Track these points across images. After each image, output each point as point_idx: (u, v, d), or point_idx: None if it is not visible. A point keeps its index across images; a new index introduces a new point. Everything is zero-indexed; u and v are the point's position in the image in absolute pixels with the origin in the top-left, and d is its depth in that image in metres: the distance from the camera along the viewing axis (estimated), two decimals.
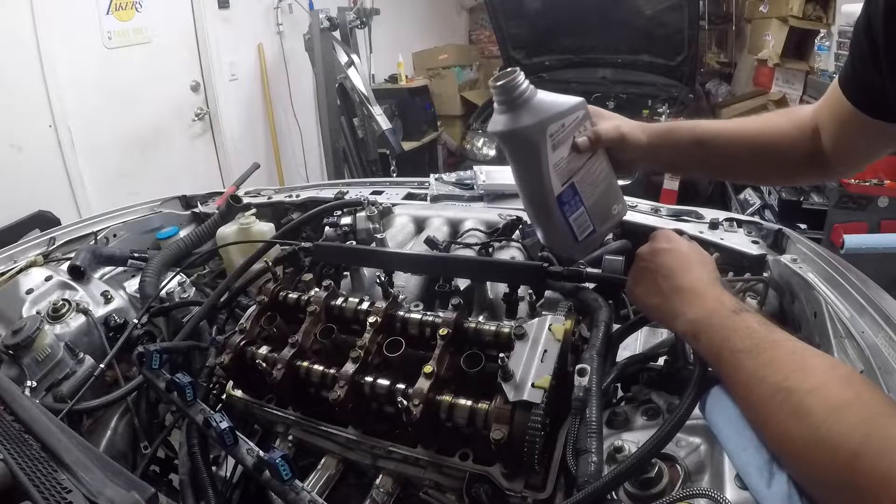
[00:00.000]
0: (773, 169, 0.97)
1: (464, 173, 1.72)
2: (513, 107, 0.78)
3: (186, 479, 0.94)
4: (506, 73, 0.77)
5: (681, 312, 0.74)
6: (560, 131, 0.79)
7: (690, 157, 0.93)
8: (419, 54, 6.10)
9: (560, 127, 0.79)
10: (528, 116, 0.77)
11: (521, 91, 0.77)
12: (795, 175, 1.01)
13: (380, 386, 0.85)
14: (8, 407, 0.76)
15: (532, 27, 4.62)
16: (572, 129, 0.81)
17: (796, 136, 0.91)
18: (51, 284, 1.30)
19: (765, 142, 0.92)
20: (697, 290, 0.74)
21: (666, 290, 0.77)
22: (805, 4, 4.19)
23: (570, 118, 0.80)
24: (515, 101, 0.77)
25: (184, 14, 3.91)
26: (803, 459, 0.56)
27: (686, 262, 0.78)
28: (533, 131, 0.78)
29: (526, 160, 0.81)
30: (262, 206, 1.71)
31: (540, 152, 0.78)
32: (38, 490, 0.54)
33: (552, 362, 0.80)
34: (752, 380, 0.62)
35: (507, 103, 0.78)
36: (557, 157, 0.80)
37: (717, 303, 0.71)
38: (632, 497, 0.74)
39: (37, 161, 3.09)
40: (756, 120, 0.96)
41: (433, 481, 0.85)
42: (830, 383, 0.57)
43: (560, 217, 0.83)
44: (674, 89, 4.43)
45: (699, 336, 0.70)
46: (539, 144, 0.78)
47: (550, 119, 0.78)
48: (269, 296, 1.04)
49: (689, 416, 0.73)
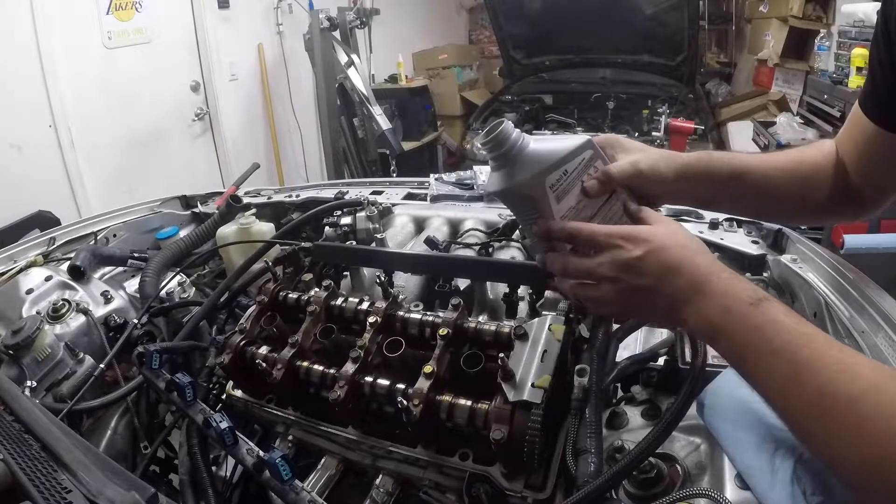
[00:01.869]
0: (810, 205, 0.87)
1: (464, 173, 1.72)
2: (506, 161, 0.70)
3: (186, 479, 0.94)
4: (493, 127, 0.70)
5: (691, 317, 0.63)
6: (563, 179, 0.70)
7: (725, 193, 0.82)
8: (419, 54, 6.10)
9: (562, 174, 0.70)
10: (522, 171, 0.69)
11: (511, 143, 0.69)
12: (831, 212, 0.89)
13: (380, 386, 0.85)
14: (8, 407, 0.76)
15: (532, 27, 4.62)
16: (579, 174, 0.72)
17: (828, 169, 0.84)
18: (51, 284, 1.30)
19: (803, 174, 0.84)
20: (699, 287, 0.63)
21: (665, 300, 0.64)
22: (805, 4, 4.19)
23: (574, 163, 0.71)
24: (507, 155, 0.69)
25: (184, 14, 3.91)
26: (866, 477, 0.49)
27: (674, 258, 0.64)
28: (530, 186, 0.70)
29: (529, 216, 0.73)
30: (262, 206, 1.71)
31: (542, 207, 0.70)
32: (38, 490, 0.54)
33: (552, 362, 0.80)
34: (788, 385, 0.54)
35: (500, 159, 0.70)
36: (564, 207, 0.71)
37: (729, 297, 0.61)
38: (632, 497, 0.74)
39: (37, 161, 3.09)
40: (790, 152, 0.88)
41: (433, 481, 0.85)
42: (883, 384, 0.49)
43: None
44: (674, 89, 4.42)
45: (717, 339, 0.61)
46: (539, 199, 0.70)
47: (548, 169, 0.70)
48: (269, 296, 1.04)
49: (685, 413, 0.73)
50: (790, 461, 0.66)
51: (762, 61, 4.73)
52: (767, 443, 0.69)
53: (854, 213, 0.88)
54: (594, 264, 0.67)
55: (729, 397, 0.77)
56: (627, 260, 0.65)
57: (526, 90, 4.89)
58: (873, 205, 0.86)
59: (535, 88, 4.89)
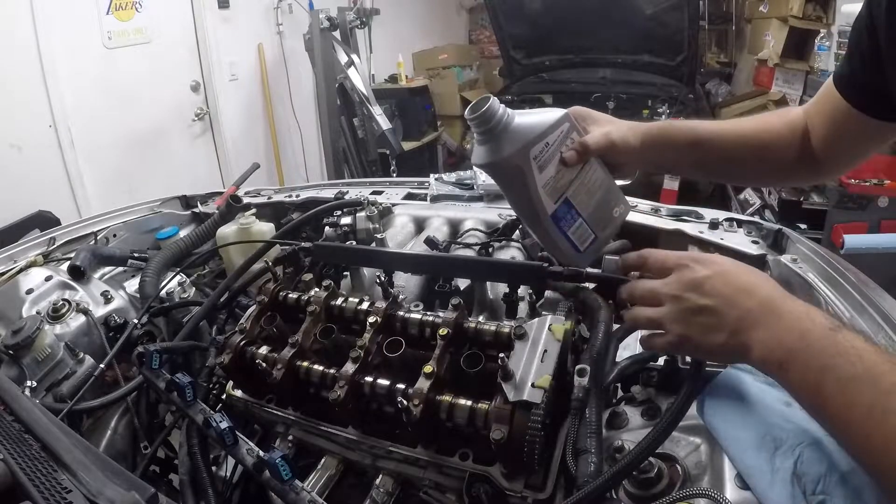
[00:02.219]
0: (767, 170, 0.95)
1: (464, 173, 1.72)
2: (492, 136, 0.76)
3: (186, 479, 0.94)
4: (480, 103, 0.75)
5: (758, 342, 0.59)
6: (545, 151, 0.77)
7: (685, 159, 0.90)
8: (419, 54, 6.10)
9: (544, 146, 0.77)
10: (508, 144, 0.76)
11: (497, 119, 0.75)
12: (787, 176, 0.99)
13: (380, 386, 0.85)
14: (8, 407, 0.76)
15: (532, 27, 4.61)
16: (558, 145, 0.79)
17: (788, 137, 0.89)
18: (51, 284, 1.30)
19: (760, 142, 0.90)
20: (775, 310, 0.60)
21: (731, 322, 0.61)
22: (805, 4, 4.19)
23: (554, 135, 0.78)
24: (494, 130, 0.76)
25: (184, 14, 3.91)
26: None
27: (744, 282, 0.63)
28: (515, 158, 0.76)
29: (514, 187, 0.80)
30: (262, 206, 1.71)
31: (526, 177, 0.77)
32: (38, 490, 0.54)
33: (552, 362, 0.80)
34: (873, 414, 0.49)
35: (486, 133, 0.76)
36: (546, 177, 0.78)
37: (806, 321, 0.57)
38: (632, 497, 0.74)
39: (37, 161, 3.09)
40: (751, 120, 0.94)
41: (433, 481, 0.85)
42: None
43: (558, 233, 0.82)
44: (674, 89, 4.42)
45: (789, 365, 0.57)
46: (524, 170, 0.77)
47: (532, 141, 0.76)
48: (269, 296, 1.04)
49: (685, 413, 0.73)
50: (790, 461, 0.66)
51: (762, 61, 4.73)
52: (767, 443, 0.68)
53: (810, 178, 0.94)
54: (661, 283, 0.68)
55: (729, 397, 0.77)
56: (695, 278, 0.65)
57: (526, 90, 4.88)
58: (830, 172, 0.92)
59: (535, 88, 4.88)
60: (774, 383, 0.78)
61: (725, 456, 0.73)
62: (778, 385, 0.78)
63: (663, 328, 0.68)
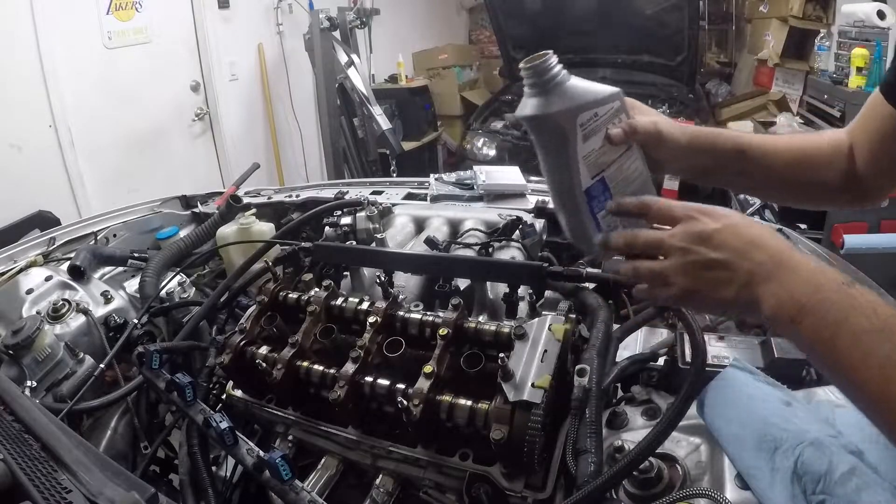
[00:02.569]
0: (809, 188, 0.89)
1: (464, 173, 1.72)
2: (543, 91, 0.72)
3: (186, 479, 0.94)
4: (538, 56, 0.72)
5: (770, 295, 0.58)
6: (592, 121, 0.73)
7: (729, 166, 0.84)
8: (419, 54, 6.09)
9: (593, 116, 0.73)
10: (558, 102, 0.72)
11: (553, 74, 0.71)
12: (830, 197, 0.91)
13: (380, 386, 0.85)
14: (8, 407, 0.76)
15: (532, 27, 4.61)
16: (606, 120, 0.75)
17: (834, 156, 0.85)
18: (51, 284, 1.30)
19: (805, 158, 0.85)
20: (787, 263, 0.59)
21: (741, 276, 0.60)
22: (805, 4, 4.19)
23: (605, 108, 0.74)
24: (547, 85, 0.72)
25: (184, 14, 3.90)
26: None
27: (755, 234, 0.62)
28: (563, 118, 0.72)
29: (554, 148, 0.75)
30: (262, 206, 1.71)
31: (569, 141, 0.73)
32: (38, 490, 0.54)
33: (552, 362, 0.80)
34: (889, 367, 0.50)
35: (538, 86, 0.72)
36: (588, 147, 0.74)
37: (819, 275, 0.57)
38: (632, 497, 0.74)
39: (37, 161, 3.09)
40: (797, 137, 0.90)
41: (433, 481, 0.85)
42: None
43: (587, 212, 0.77)
44: (674, 89, 4.42)
45: (802, 319, 0.56)
46: (568, 132, 0.72)
47: (582, 107, 0.72)
48: (269, 296, 1.04)
49: (685, 413, 0.73)
50: (790, 461, 0.66)
51: (762, 61, 4.73)
52: (767, 443, 0.69)
53: (854, 202, 0.89)
54: (666, 235, 0.65)
55: (729, 397, 0.77)
56: (704, 230, 0.62)
57: None
58: (875, 195, 0.87)
59: None
60: (775, 383, 0.79)
61: (725, 456, 0.73)
62: (778, 385, 0.78)
63: (667, 281, 0.65)
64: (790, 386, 0.79)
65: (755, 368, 0.82)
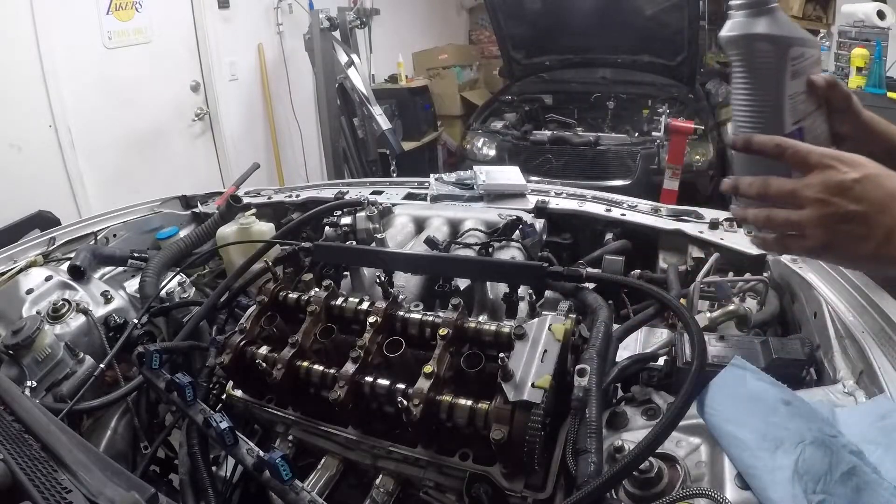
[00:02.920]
0: None
1: (464, 173, 1.72)
2: (761, 12, 0.66)
3: (186, 479, 0.94)
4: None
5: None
6: (801, 60, 0.67)
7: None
8: (419, 54, 6.09)
9: (801, 55, 0.67)
10: (776, 27, 0.66)
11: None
12: None
13: (380, 386, 0.85)
14: (8, 407, 0.76)
15: (532, 27, 4.61)
16: (809, 65, 0.69)
17: None
18: (51, 284, 1.30)
19: None
20: None
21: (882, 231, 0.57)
22: (805, 4, 4.19)
23: (810, 52, 0.68)
24: (762, 8, 0.66)
25: (184, 14, 3.90)
26: None
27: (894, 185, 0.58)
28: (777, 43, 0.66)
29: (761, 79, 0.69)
30: (262, 206, 1.71)
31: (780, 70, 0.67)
32: (38, 490, 0.54)
33: (552, 362, 0.80)
34: None
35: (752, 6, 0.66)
36: (795, 87, 0.68)
37: None
38: (632, 497, 0.74)
39: (37, 161, 3.09)
40: None
41: (433, 481, 0.85)
42: None
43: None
44: (674, 89, 4.42)
45: None
46: (778, 63, 0.67)
47: (796, 40, 0.67)
48: (269, 296, 1.04)
49: (685, 413, 0.73)
50: (790, 460, 0.66)
51: None
52: (767, 442, 0.68)
53: None
54: (801, 184, 0.61)
55: (729, 397, 0.77)
56: (843, 181, 0.59)
57: (526, 90, 4.88)
58: None
59: (536, 88, 4.88)
60: (775, 382, 0.78)
61: (725, 456, 0.73)
62: (778, 384, 0.78)
63: (802, 232, 0.62)
64: (790, 386, 0.79)
65: (755, 368, 0.82)
